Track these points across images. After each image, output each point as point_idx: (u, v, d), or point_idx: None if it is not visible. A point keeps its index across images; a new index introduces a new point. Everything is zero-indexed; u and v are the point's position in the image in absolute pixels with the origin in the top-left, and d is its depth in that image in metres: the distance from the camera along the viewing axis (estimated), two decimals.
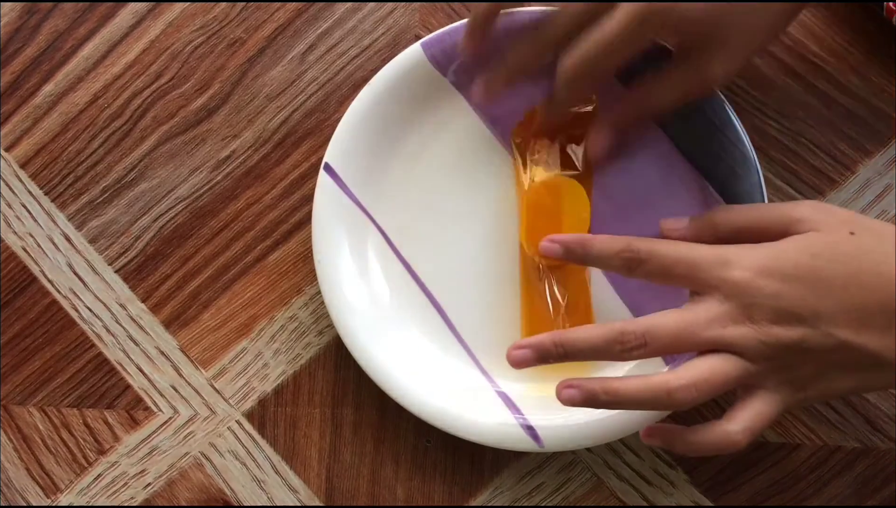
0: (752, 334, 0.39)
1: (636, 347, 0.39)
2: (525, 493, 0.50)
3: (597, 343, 0.40)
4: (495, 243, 0.49)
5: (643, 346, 0.39)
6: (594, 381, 0.40)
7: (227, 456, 0.51)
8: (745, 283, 0.39)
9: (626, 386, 0.39)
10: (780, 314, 0.38)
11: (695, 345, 0.40)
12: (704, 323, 0.39)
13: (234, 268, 0.52)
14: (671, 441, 0.41)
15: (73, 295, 0.52)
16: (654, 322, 0.40)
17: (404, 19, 0.51)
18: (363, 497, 0.51)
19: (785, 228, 0.41)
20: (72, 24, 0.52)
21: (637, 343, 0.39)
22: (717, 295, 0.40)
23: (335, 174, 0.48)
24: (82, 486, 0.52)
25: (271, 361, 0.51)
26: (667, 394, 0.39)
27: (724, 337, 0.39)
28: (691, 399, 0.38)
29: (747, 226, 0.42)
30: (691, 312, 0.40)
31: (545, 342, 0.41)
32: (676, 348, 0.40)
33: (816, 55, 0.50)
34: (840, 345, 0.38)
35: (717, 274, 0.39)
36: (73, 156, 0.52)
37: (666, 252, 0.41)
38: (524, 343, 0.41)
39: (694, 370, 0.39)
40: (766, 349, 0.39)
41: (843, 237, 0.39)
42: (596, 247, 0.43)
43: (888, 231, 0.40)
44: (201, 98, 0.52)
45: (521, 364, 0.41)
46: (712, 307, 0.39)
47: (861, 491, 0.49)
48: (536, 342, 0.41)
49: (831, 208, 0.41)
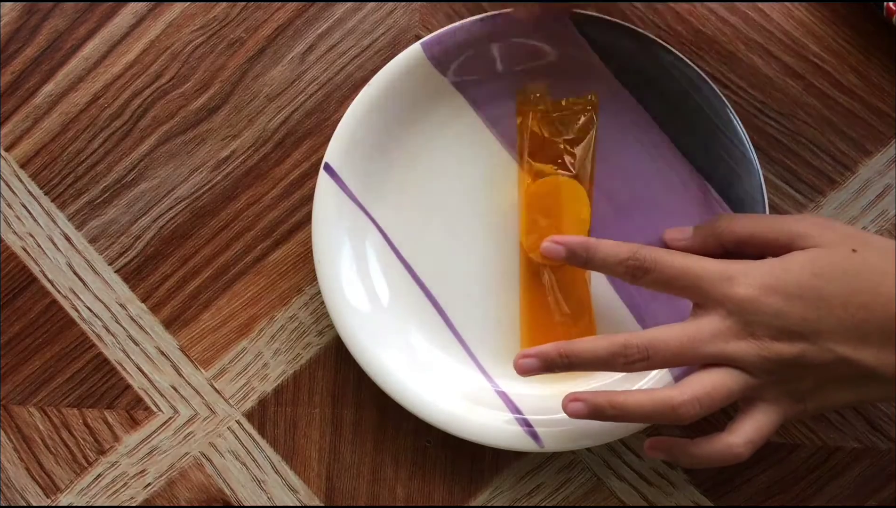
0: (754, 349, 0.40)
1: (639, 360, 0.41)
2: (525, 493, 0.50)
3: (601, 355, 0.41)
4: (495, 243, 0.49)
5: (646, 360, 0.41)
6: (600, 395, 0.41)
7: (227, 456, 0.51)
8: (749, 300, 0.39)
9: (632, 401, 0.40)
10: (781, 331, 0.39)
11: (697, 359, 0.41)
12: (707, 337, 0.40)
13: (234, 268, 0.52)
14: (675, 455, 0.42)
15: (73, 295, 0.52)
16: (657, 336, 0.41)
17: (404, 19, 0.51)
18: (363, 497, 0.51)
19: (788, 242, 0.41)
20: (72, 24, 0.52)
21: (640, 356, 0.40)
22: (720, 309, 0.40)
23: (335, 174, 0.48)
24: (82, 486, 0.52)
25: (271, 361, 0.51)
26: (671, 409, 0.40)
27: (726, 351, 0.40)
28: (695, 413, 0.40)
29: (751, 238, 0.42)
30: (694, 326, 0.41)
31: (550, 352, 0.42)
32: (679, 362, 0.41)
33: (816, 55, 0.50)
34: (839, 360, 0.39)
35: (721, 290, 0.40)
36: (73, 156, 0.52)
37: (671, 263, 0.41)
38: (530, 352, 0.42)
39: (697, 385, 0.40)
40: (766, 364, 0.40)
41: (845, 254, 0.40)
42: (600, 253, 0.43)
43: (889, 247, 0.40)
44: (201, 98, 0.52)
45: (527, 372, 0.43)
46: (715, 322, 0.40)
47: (861, 491, 0.49)
48: (542, 352, 0.42)
49: (834, 224, 0.42)
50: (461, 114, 0.49)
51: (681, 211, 0.48)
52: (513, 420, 0.47)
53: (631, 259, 0.42)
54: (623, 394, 0.41)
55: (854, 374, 0.39)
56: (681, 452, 0.42)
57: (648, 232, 0.48)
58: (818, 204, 0.50)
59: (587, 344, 0.42)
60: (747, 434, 0.40)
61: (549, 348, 0.42)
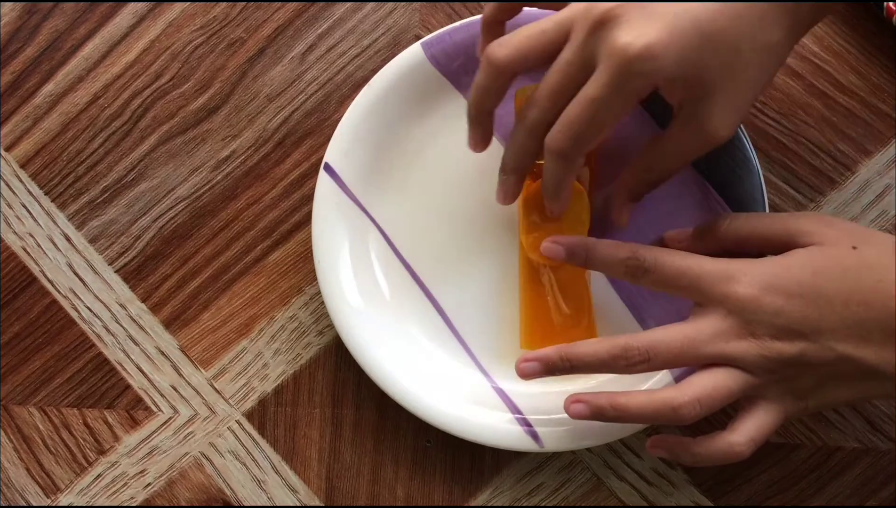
0: (754, 349, 0.40)
1: (640, 362, 0.41)
2: (525, 493, 0.50)
3: (602, 357, 0.42)
4: (495, 242, 0.49)
5: (647, 362, 0.41)
6: (602, 396, 0.42)
7: (227, 456, 0.51)
8: (748, 300, 0.39)
9: (633, 403, 0.41)
10: (781, 330, 0.39)
11: (698, 360, 0.41)
12: (707, 338, 0.40)
13: (234, 268, 0.52)
14: (677, 453, 0.42)
15: (73, 295, 0.52)
16: (657, 338, 0.41)
17: (404, 19, 0.51)
18: (363, 497, 0.51)
19: (789, 240, 0.41)
20: (72, 24, 0.52)
21: (641, 359, 0.41)
22: (720, 309, 0.40)
23: (335, 174, 0.48)
24: (82, 486, 0.52)
25: (271, 361, 0.51)
26: (672, 411, 0.40)
27: (727, 351, 0.40)
28: (695, 414, 0.40)
29: (751, 237, 0.43)
30: (694, 327, 0.41)
31: (552, 356, 0.43)
32: (680, 363, 0.41)
33: (816, 55, 0.50)
34: (840, 358, 0.39)
35: (721, 289, 0.40)
36: (73, 156, 0.52)
37: (671, 263, 0.41)
38: (531, 356, 0.43)
39: (697, 386, 0.40)
40: (767, 363, 0.40)
41: (846, 251, 0.40)
42: (600, 253, 0.43)
43: (890, 243, 0.40)
44: (201, 98, 0.52)
45: (529, 376, 0.43)
46: (715, 322, 0.40)
47: (861, 491, 0.49)
48: (543, 355, 0.43)
49: (834, 220, 0.41)
50: (461, 115, 0.49)
51: (681, 211, 0.48)
52: (513, 420, 0.47)
53: (630, 259, 0.42)
54: (624, 395, 0.41)
55: (855, 372, 0.39)
56: (683, 451, 0.42)
57: (648, 232, 0.48)
58: (818, 204, 0.50)
59: (588, 347, 0.42)
60: (749, 432, 0.40)
61: (551, 352, 0.43)
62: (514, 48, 0.41)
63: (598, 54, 0.39)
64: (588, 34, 0.39)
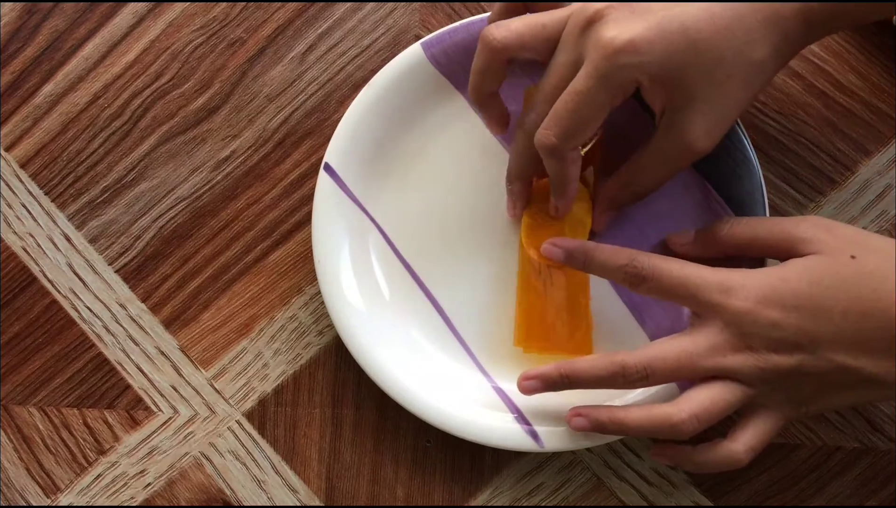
0: (752, 361, 0.40)
1: (638, 379, 0.42)
2: (525, 493, 0.50)
3: (600, 375, 0.42)
4: (496, 243, 0.49)
5: (645, 378, 0.42)
6: (602, 411, 0.43)
7: (227, 456, 0.51)
8: (745, 312, 0.40)
9: (631, 418, 0.42)
10: (778, 343, 0.39)
11: (696, 374, 0.41)
12: (705, 352, 0.41)
13: (234, 268, 0.52)
14: (678, 461, 0.44)
15: (73, 295, 0.52)
16: (655, 354, 0.41)
17: (404, 19, 0.51)
18: (363, 497, 0.51)
19: (789, 247, 0.41)
20: (72, 24, 0.52)
21: (639, 376, 0.41)
22: (717, 320, 0.41)
23: (335, 174, 0.48)
24: (82, 486, 0.52)
25: (271, 361, 0.51)
26: (670, 427, 0.41)
27: (725, 365, 0.40)
28: (693, 429, 0.40)
29: (752, 242, 0.43)
30: (692, 341, 0.41)
31: (552, 373, 0.44)
32: (678, 377, 0.42)
33: (816, 55, 0.50)
34: (838, 369, 0.39)
35: (719, 301, 0.40)
36: (73, 156, 0.52)
37: (669, 272, 0.42)
38: (532, 374, 0.44)
39: (695, 401, 0.41)
40: (765, 375, 0.40)
41: (845, 261, 0.40)
42: (598, 258, 0.43)
43: (889, 249, 0.40)
44: (201, 98, 0.52)
45: (530, 392, 0.45)
46: (712, 335, 0.41)
47: (861, 491, 0.49)
48: (544, 373, 0.44)
49: (835, 226, 0.41)
50: (461, 115, 0.49)
51: (681, 211, 0.48)
52: (513, 419, 0.47)
53: (629, 266, 0.42)
54: (623, 410, 0.42)
55: (854, 380, 0.39)
56: (684, 458, 0.43)
57: (649, 232, 0.48)
58: (818, 204, 0.50)
59: (587, 364, 0.43)
60: (748, 440, 0.41)
61: (550, 369, 0.44)
62: (511, 31, 0.42)
63: (586, 51, 0.39)
64: (578, 34, 0.40)
